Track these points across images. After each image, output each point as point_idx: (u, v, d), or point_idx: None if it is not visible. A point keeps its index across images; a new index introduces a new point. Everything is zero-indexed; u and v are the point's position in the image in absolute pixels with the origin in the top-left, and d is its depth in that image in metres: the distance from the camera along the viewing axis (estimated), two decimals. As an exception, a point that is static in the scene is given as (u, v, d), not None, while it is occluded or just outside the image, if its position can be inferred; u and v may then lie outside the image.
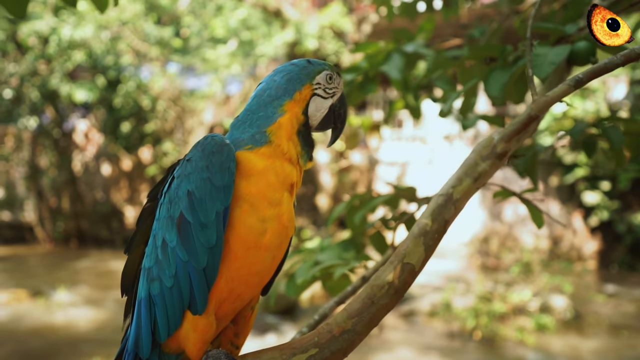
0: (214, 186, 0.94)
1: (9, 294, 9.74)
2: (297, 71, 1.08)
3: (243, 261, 0.98)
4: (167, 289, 0.96)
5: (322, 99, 1.08)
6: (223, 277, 0.97)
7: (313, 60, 1.11)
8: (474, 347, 8.04)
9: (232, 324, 1.08)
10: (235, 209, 0.97)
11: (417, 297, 10.08)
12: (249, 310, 1.08)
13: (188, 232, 0.94)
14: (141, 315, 1.00)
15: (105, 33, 12.08)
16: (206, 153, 0.97)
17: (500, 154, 1.03)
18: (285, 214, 1.02)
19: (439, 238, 0.99)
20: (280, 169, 1.02)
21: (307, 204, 14.58)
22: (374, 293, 0.94)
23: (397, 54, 2.25)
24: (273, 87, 1.07)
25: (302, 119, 1.06)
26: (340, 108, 1.11)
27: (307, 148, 1.06)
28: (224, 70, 12.63)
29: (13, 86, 12.46)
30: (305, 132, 1.06)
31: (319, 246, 2.29)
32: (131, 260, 1.08)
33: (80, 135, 14.42)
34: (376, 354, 7.89)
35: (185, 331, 0.97)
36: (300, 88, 1.06)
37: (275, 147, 1.02)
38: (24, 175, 14.37)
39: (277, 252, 1.02)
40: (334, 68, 1.11)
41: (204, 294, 0.94)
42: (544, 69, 1.26)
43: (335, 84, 1.10)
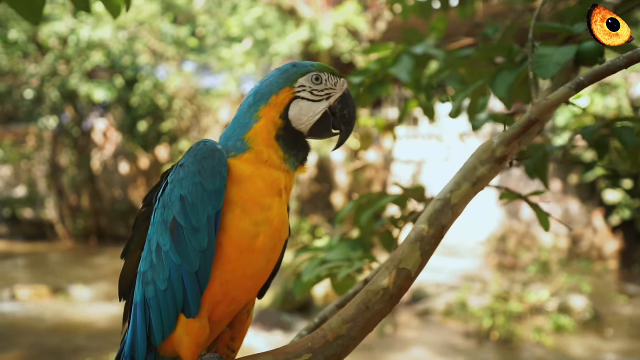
0: (206, 191, 0.95)
1: (31, 289, 9.96)
2: (278, 75, 1.06)
3: (237, 264, 0.98)
4: (162, 293, 0.97)
5: (309, 102, 1.05)
6: (217, 280, 0.98)
7: (299, 62, 1.08)
8: (491, 347, 7.95)
9: (229, 328, 1.09)
10: (227, 213, 0.97)
11: (432, 296, 10.00)
12: (245, 314, 1.09)
13: (181, 236, 0.95)
14: (137, 318, 1.01)
15: (122, 33, 12.25)
16: (198, 158, 0.98)
17: (500, 158, 1.01)
18: (277, 218, 1.02)
19: (436, 243, 0.98)
20: (268, 175, 1.01)
21: (322, 202, 14.58)
22: (369, 299, 0.94)
23: (406, 56, 2.23)
24: (253, 94, 1.07)
25: (280, 123, 1.03)
26: (344, 110, 1.07)
27: (294, 152, 1.04)
28: (239, 69, 12.70)
29: (34, 87, 12.73)
30: (288, 136, 1.04)
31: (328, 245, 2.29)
32: (128, 265, 1.10)
33: (99, 134, 14.67)
34: (390, 353, 7.86)
35: (179, 335, 0.98)
36: (278, 92, 1.04)
37: (256, 153, 1.02)
38: (45, 173, 14.69)
39: (271, 255, 1.03)
40: (325, 68, 1.07)
41: (197, 297, 0.95)
42: (549, 70, 1.24)
43: (329, 85, 1.06)
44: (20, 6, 1.60)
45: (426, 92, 2.44)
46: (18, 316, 8.90)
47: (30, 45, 12.12)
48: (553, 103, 0.96)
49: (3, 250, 13.82)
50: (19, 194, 15.07)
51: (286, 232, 1.06)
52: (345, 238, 2.30)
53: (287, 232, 1.07)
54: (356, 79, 2.18)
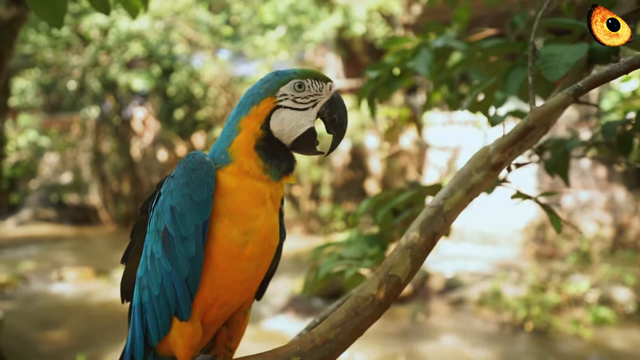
0: (194, 201, 0.98)
1: (77, 271, 10.48)
2: (259, 85, 1.07)
3: (226, 271, 1.02)
4: (155, 297, 1.02)
5: (292, 110, 1.04)
6: (207, 286, 1.02)
7: (281, 71, 1.07)
8: (525, 338, 7.80)
9: (226, 328, 1.14)
10: (216, 223, 1.01)
11: (466, 285, 9.88)
12: (241, 315, 1.13)
13: (171, 244, 0.99)
14: (135, 320, 1.07)
15: (159, 23, 12.50)
16: (187, 170, 1.01)
17: (495, 165, 0.99)
18: (265, 226, 1.04)
19: (427, 251, 0.99)
20: (251, 186, 1.03)
21: (355, 189, 14.56)
22: (358, 304, 0.95)
23: (425, 49, 2.19)
24: (237, 106, 1.08)
25: (260, 133, 1.03)
26: (333, 114, 1.06)
27: (276, 162, 1.04)
28: (272, 56, 12.74)
29: (77, 77, 13.22)
30: (269, 145, 1.04)
31: (346, 240, 2.31)
32: (129, 269, 1.16)
33: (138, 122, 15.12)
34: (421, 341, 7.85)
35: (173, 337, 1.03)
36: (258, 102, 1.04)
37: (238, 165, 1.04)
38: (89, 160, 15.31)
39: (261, 262, 1.06)
40: (308, 74, 1.06)
41: (188, 302, 1.00)
42: (558, 71, 1.19)
43: (313, 91, 1.05)
44: (44, 12, 1.68)
45: (448, 84, 2.40)
46: (65, 297, 9.39)
47: (73, 37, 12.55)
48: (550, 109, 0.93)
49: (51, 233, 14.56)
50: (65, 180, 15.78)
51: (276, 239, 1.09)
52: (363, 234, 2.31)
53: (276, 239, 1.09)
54: (373, 73, 2.16)
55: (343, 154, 14.41)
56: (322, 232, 13.71)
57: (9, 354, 6.69)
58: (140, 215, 1.14)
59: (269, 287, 1.18)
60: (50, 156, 15.87)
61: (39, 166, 15.70)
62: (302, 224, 14.32)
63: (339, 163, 14.45)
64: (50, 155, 15.82)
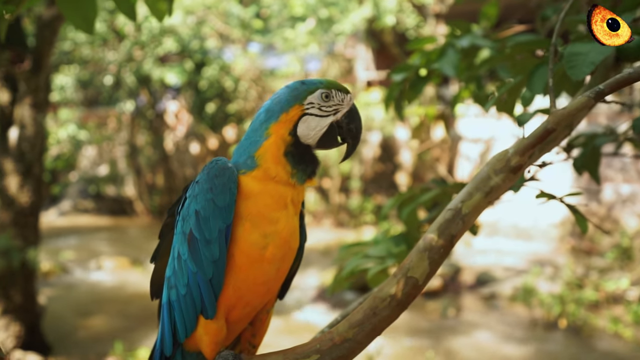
0: (217, 206, 1.03)
1: (115, 261, 10.85)
2: (287, 93, 1.11)
3: (248, 272, 1.07)
4: (182, 296, 1.08)
5: (317, 118, 1.09)
6: (230, 287, 1.07)
7: (307, 80, 1.13)
8: (559, 336, 7.63)
9: (250, 326, 1.19)
10: (238, 226, 1.05)
11: (499, 280, 9.73)
12: (264, 313, 1.18)
13: (196, 247, 1.05)
14: (164, 318, 1.13)
15: (191, 18, 12.70)
16: (210, 176, 1.06)
17: (515, 168, 0.99)
18: (285, 230, 1.08)
19: (445, 253, 1.00)
20: (274, 191, 1.07)
21: (386, 181, 14.48)
22: (376, 305, 0.98)
23: (451, 49, 2.17)
24: (264, 111, 1.12)
25: (289, 139, 1.08)
26: (350, 124, 1.11)
27: (302, 166, 1.09)
28: (302, 49, 12.76)
29: (112, 72, 13.62)
30: (297, 151, 1.08)
31: (373, 239, 2.33)
32: (158, 268, 1.23)
33: (171, 116, 15.45)
34: (452, 336, 7.79)
35: (199, 334, 1.09)
36: (287, 109, 1.08)
37: (263, 170, 1.07)
38: (125, 153, 15.78)
39: (281, 264, 1.10)
40: (333, 85, 1.11)
41: (212, 301, 1.05)
42: (582, 70, 1.16)
43: (337, 101, 1.10)
44: (75, 18, 1.75)
45: (476, 82, 2.37)
46: (103, 285, 9.76)
47: (109, 33, 12.92)
48: (570, 112, 0.92)
49: (90, 224, 15.12)
50: (102, 173, 16.34)
51: (296, 242, 1.13)
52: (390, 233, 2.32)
53: (296, 242, 1.13)
54: (398, 76, 2.15)
55: (373, 147, 14.34)
56: (351, 225, 13.71)
57: (52, 339, 7.02)
58: (168, 218, 1.20)
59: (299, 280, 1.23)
60: (88, 149, 16.44)
61: (78, 159, 16.29)
62: (332, 217, 14.36)
63: (369, 155, 14.39)
64: (88, 148, 16.39)
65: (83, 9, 1.77)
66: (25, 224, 6.62)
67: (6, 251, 6.35)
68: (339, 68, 14.20)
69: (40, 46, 6.45)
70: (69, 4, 1.75)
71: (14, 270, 6.43)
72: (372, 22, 12.60)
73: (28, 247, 6.58)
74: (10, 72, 6.46)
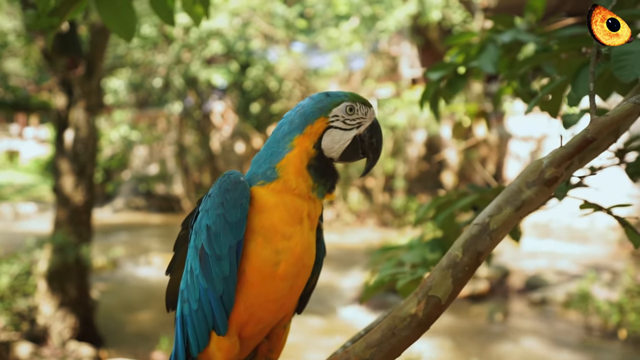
0: (227, 222, 1.01)
1: (163, 257, 11.22)
2: (312, 105, 1.08)
3: (260, 289, 1.04)
4: (194, 311, 1.06)
5: (341, 131, 1.07)
6: (242, 304, 1.04)
7: (332, 92, 1.10)
8: (618, 347, 7.20)
9: (267, 340, 1.16)
10: (250, 241, 1.03)
11: (551, 285, 9.32)
12: (281, 328, 1.15)
13: (207, 262, 1.03)
14: (177, 331, 1.12)
15: (236, 20, 12.93)
16: (222, 190, 1.04)
17: (549, 180, 0.91)
18: (299, 246, 1.04)
19: (470, 271, 0.93)
20: (291, 204, 1.04)
21: (431, 181, 14.20)
22: (395, 324, 0.92)
23: (492, 45, 2.05)
24: (287, 122, 1.09)
25: (313, 152, 1.06)
26: (372, 137, 1.09)
27: (324, 180, 1.06)
28: (345, 48, 12.72)
29: (162, 75, 14.10)
30: (319, 165, 1.06)
31: (408, 244, 2.25)
32: (173, 281, 1.21)
33: (217, 116, 15.82)
34: (499, 342, 7.54)
35: (212, 350, 1.07)
36: (312, 122, 1.06)
37: (283, 182, 1.04)
38: (173, 153, 16.30)
39: (295, 281, 1.06)
40: (357, 98, 1.09)
41: (224, 318, 1.03)
42: (634, 71, 1.05)
43: (360, 114, 1.08)
44: (116, 26, 1.78)
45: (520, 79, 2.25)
46: (151, 280, 10.10)
47: (159, 37, 13.37)
48: (612, 120, 0.83)
49: (140, 221, 15.71)
50: (152, 172, 16.95)
51: (310, 259, 1.09)
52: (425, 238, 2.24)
53: (311, 259, 1.09)
54: (435, 74, 2.06)
55: (418, 145, 14.09)
56: (395, 225, 13.54)
57: (104, 332, 7.34)
58: (182, 231, 1.19)
59: (341, 280, 1.20)
60: (139, 149, 17.10)
61: (130, 158, 16.98)
62: (375, 216, 14.23)
63: (414, 154, 14.15)
64: (139, 148, 17.05)
65: (122, 16, 1.81)
66: (79, 221, 6.95)
67: (62, 247, 6.70)
68: (382, 66, 14.04)
69: (93, 52, 6.75)
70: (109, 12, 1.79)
71: (69, 265, 6.77)
72: (417, 18, 12.36)
73: (82, 243, 6.91)
74: (66, 78, 6.79)
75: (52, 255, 6.76)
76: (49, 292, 6.80)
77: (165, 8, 1.92)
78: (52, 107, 7.75)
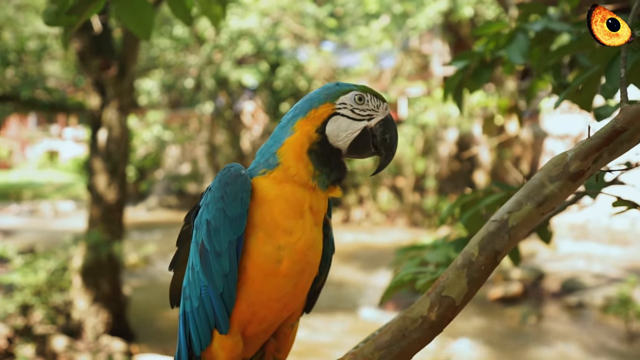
0: (227, 216, 0.97)
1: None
2: (320, 92, 1.04)
3: (261, 287, 1.00)
4: (195, 309, 1.03)
5: (348, 119, 1.02)
6: (243, 302, 1.00)
7: (342, 83, 1.05)
8: (662, 354, 6.89)
9: (275, 339, 1.12)
10: (251, 237, 0.98)
11: (588, 288, 8.99)
12: (288, 328, 1.10)
13: (207, 259, 0.99)
14: (180, 329, 1.09)
15: (266, 20, 13.02)
16: (222, 184, 1.00)
17: (575, 175, 0.84)
18: (301, 242, 0.99)
19: (486, 271, 0.87)
20: (291, 195, 0.99)
21: (463, 180, 13.93)
22: (406, 326, 0.87)
23: (521, 35, 1.96)
24: (293, 109, 1.05)
25: (315, 137, 1.00)
26: (385, 133, 1.03)
27: (327, 169, 1.01)
28: (375, 46, 12.63)
29: (193, 76, 14.35)
30: (322, 151, 1.00)
31: (432, 243, 2.19)
32: (177, 276, 1.18)
33: (247, 116, 15.98)
34: (533, 345, 7.32)
35: (215, 348, 1.03)
36: (317, 106, 1.02)
37: (284, 169, 1.00)
38: (205, 152, 16.55)
39: (298, 279, 1.01)
40: (368, 90, 1.04)
41: (224, 316, 0.99)
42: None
43: (371, 106, 1.03)
44: (133, 25, 1.79)
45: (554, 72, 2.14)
46: (183, 278, 10.28)
47: (191, 38, 13.61)
48: (645, 108, 0.76)
49: (173, 219, 16.01)
50: (185, 171, 17.27)
51: (314, 256, 1.04)
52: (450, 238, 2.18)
53: (315, 256, 1.04)
54: (459, 63, 1.98)
55: (449, 144, 13.84)
56: (426, 225, 13.35)
57: (135, 327, 7.51)
58: (185, 225, 1.15)
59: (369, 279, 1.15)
60: (172, 148, 17.45)
61: (163, 158, 17.35)
62: (406, 216, 14.07)
63: (445, 153, 13.91)
64: (172, 148, 17.40)
65: (139, 15, 1.81)
66: (112, 219, 7.13)
67: (95, 244, 6.88)
68: (413, 64, 13.86)
69: (125, 53, 6.91)
70: (126, 11, 1.80)
71: (102, 262, 6.95)
72: (448, 15, 12.15)
73: (114, 241, 7.08)
74: (100, 78, 6.97)
75: (86, 251, 6.96)
76: (84, 287, 7.00)
77: (182, 8, 1.91)
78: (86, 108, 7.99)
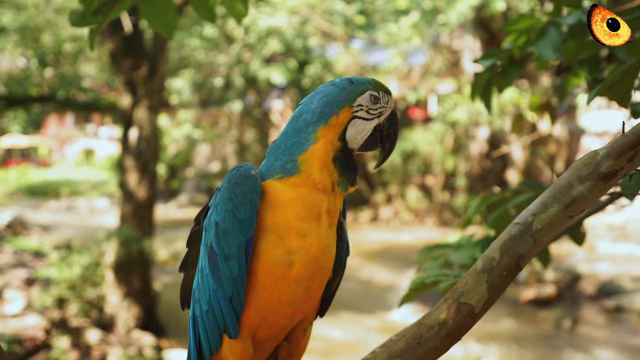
0: (236, 218, 0.95)
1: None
2: (336, 93, 1.01)
3: (271, 292, 0.97)
4: (205, 313, 1.01)
5: (364, 121, 1.01)
6: (253, 306, 0.98)
7: (356, 79, 1.02)
8: None
9: (287, 343, 1.09)
10: (261, 239, 0.96)
11: (628, 292, 8.67)
12: (300, 332, 1.07)
13: (215, 262, 0.97)
14: (190, 332, 1.07)
15: (295, 18, 13.03)
16: (231, 184, 0.97)
17: (607, 175, 0.77)
18: (314, 245, 0.96)
19: (508, 276, 0.81)
20: (308, 198, 0.97)
21: (494, 179, 13.63)
22: (422, 333, 0.83)
23: (553, 29, 1.87)
24: (309, 111, 1.01)
25: (338, 145, 0.99)
26: (390, 128, 1.03)
27: (347, 173, 1.00)
28: (404, 43, 12.47)
29: (223, 75, 14.51)
30: (344, 157, 0.99)
31: (457, 243, 2.13)
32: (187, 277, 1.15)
33: (276, 114, 16.07)
34: (567, 350, 7.10)
35: (224, 353, 1.01)
36: (338, 112, 0.99)
37: (305, 176, 0.97)
38: (234, 150, 16.74)
39: (310, 283, 0.98)
40: (380, 86, 1.02)
41: (234, 321, 0.97)
42: None
43: (382, 104, 1.02)
44: (156, 24, 1.80)
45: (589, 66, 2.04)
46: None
47: (220, 37, 13.76)
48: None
49: (203, 217, 16.30)
50: (214, 169, 17.52)
51: (327, 260, 1.00)
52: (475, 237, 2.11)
53: (328, 260, 1.01)
54: (487, 61, 1.90)
55: (480, 142, 13.55)
56: (455, 224, 13.12)
57: (165, 323, 7.65)
58: (195, 226, 1.12)
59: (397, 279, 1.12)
60: (202, 147, 17.73)
61: (193, 156, 17.65)
62: (435, 215, 13.86)
63: (476, 151, 13.63)
64: (202, 146, 17.68)
65: (162, 14, 1.82)
66: (142, 216, 7.29)
67: (126, 241, 7.05)
68: (443, 61, 13.63)
69: (155, 53, 7.04)
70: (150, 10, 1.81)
71: (133, 258, 7.11)
72: (480, 10, 11.88)
73: (144, 237, 7.23)
74: (131, 78, 7.13)
75: (118, 248, 7.13)
76: (115, 282, 7.18)
77: (205, 6, 1.91)
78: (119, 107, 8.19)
